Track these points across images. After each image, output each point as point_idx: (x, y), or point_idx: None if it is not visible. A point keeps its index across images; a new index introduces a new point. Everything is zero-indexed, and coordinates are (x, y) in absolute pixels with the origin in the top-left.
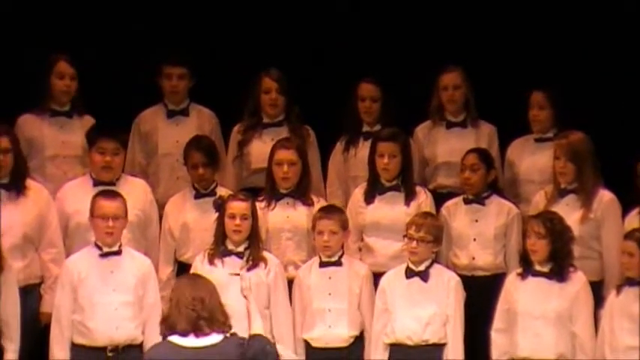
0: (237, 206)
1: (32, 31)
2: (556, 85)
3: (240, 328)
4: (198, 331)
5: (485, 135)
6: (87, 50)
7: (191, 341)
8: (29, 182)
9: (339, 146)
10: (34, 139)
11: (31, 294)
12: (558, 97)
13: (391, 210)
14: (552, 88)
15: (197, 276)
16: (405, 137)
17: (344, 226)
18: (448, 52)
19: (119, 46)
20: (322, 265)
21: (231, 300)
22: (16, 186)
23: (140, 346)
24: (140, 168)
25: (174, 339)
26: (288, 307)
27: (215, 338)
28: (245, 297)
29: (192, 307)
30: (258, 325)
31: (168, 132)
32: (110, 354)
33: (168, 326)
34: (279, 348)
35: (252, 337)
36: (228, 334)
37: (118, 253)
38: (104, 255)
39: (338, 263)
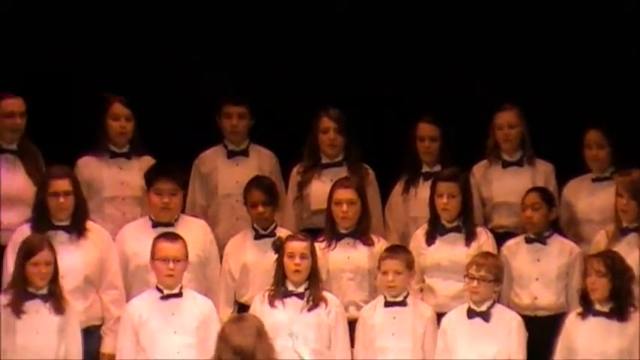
0: (297, 245)
1: (92, 73)
2: (611, 123)
3: None
4: None
5: (542, 173)
6: (146, 91)
7: None
8: (90, 224)
9: (398, 187)
10: (94, 180)
11: (92, 336)
12: (615, 135)
13: (451, 251)
14: (608, 126)
15: (240, 319)
16: (465, 177)
17: (409, 266)
18: (504, 90)
19: (180, 86)
20: (387, 304)
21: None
22: (77, 228)
23: None
24: (201, 209)
25: None
26: (348, 347)
27: None
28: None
29: (235, 352)
30: None
31: (229, 172)
32: None
33: None
34: None
35: None
36: None
37: (179, 295)
38: (165, 297)
39: (403, 303)
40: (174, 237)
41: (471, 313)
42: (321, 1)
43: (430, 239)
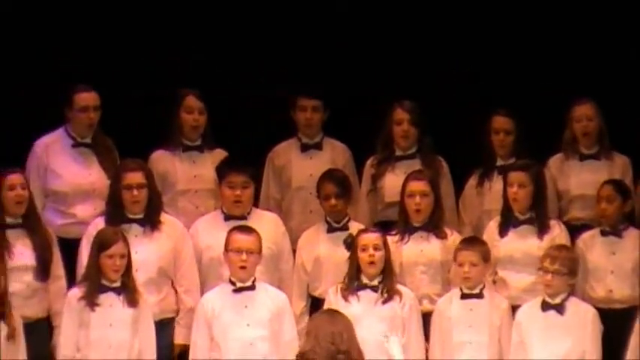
0: (369, 237)
1: (165, 67)
2: None
3: None
4: None
5: (619, 167)
6: (219, 85)
7: None
8: (164, 216)
9: (472, 180)
10: (167, 173)
11: (166, 328)
12: None
13: (524, 243)
14: None
15: (334, 311)
16: (537, 169)
17: (485, 258)
18: (579, 84)
19: (252, 79)
20: (463, 296)
21: (367, 333)
22: (151, 221)
23: None
24: (275, 202)
25: None
26: (422, 341)
27: None
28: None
29: (332, 340)
30: None
31: (302, 165)
32: None
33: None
34: None
35: None
36: None
37: (252, 288)
38: (238, 290)
39: (479, 295)
40: (249, 230)
41: (546, 306)
42: None
43: (503, 231)
